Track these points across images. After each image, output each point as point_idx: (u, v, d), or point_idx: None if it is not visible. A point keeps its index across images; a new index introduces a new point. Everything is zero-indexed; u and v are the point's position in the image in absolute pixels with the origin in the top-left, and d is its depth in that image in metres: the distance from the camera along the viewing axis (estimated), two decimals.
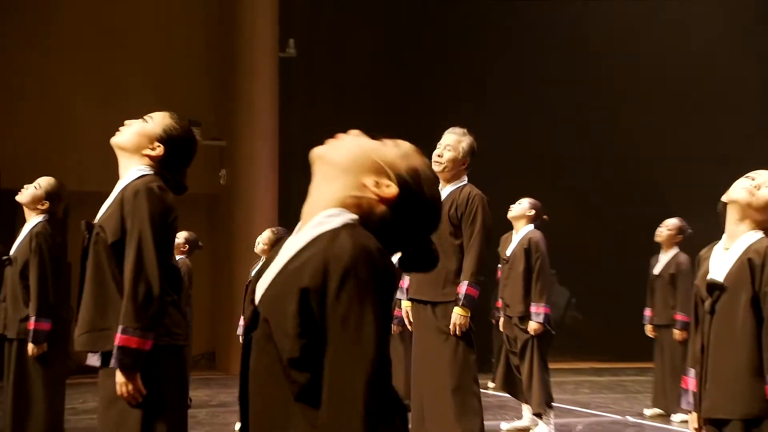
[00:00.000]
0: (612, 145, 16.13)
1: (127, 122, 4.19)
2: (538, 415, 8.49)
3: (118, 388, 3.77)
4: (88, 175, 12.77)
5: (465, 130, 6.83)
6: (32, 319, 6.25)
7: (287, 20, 13.61)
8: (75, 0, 13.53)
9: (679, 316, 9.14)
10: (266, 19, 13.44)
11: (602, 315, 15.63)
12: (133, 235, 3.92)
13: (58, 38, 13.43)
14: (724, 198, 4.19)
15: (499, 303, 8.83)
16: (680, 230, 9.65)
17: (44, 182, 6.82)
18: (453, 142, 6.70)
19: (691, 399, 4.12)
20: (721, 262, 4.06)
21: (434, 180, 2.24)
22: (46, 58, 13.34)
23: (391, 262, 2.03)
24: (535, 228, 8.50)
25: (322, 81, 13.72)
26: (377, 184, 2.04)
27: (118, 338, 3.79)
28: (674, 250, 9.54)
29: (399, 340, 9.61)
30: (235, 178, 13.37)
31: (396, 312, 9.86)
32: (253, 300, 2.10)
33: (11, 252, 6.72)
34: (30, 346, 6.20)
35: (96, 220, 4.18)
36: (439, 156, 6.68)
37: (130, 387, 3.75)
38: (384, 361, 1.97)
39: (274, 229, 8.95)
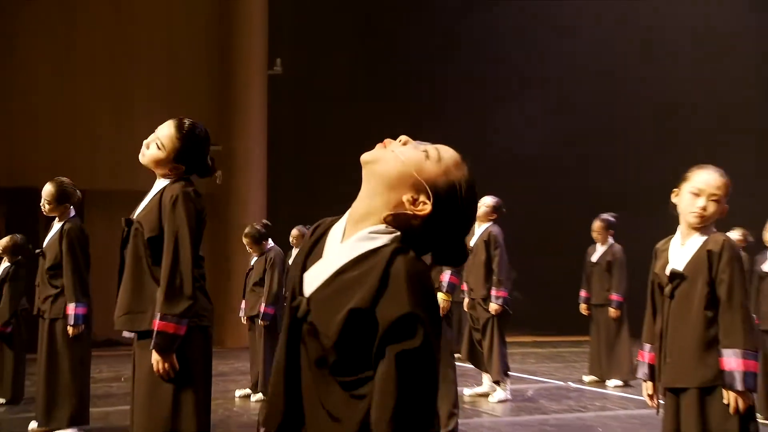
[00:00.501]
0: (565, 149, 15.97)
1: (145, 143, 4.15)
2: (497, 383, 8.66)
3: (154, 365, 3.83)
4: (99, 174, 12.88)
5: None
6: (71, 305, 6.32)
7: (275, 42, 13.68)
8: (90, 23, 13.47)
9: (614, 297, 9.47)
10: (257, 42, 13.55)
11: (542, 295, 15.62)
12: (171, 234, 3.99)
13: (76, 57, 13.40)
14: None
15: (464, 287, 8.89)
16: (610, 225, 9.86)
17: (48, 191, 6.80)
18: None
19: (646, 370, 4.18)
20: (679, 254, 4.05)
21: (471, 192, 2.09)
22: (65, 75, 13.31)
23: (432, 283, 1.99)
24: (495, 222, 8.67)
25: (305, 95, 13.80)
26: (415, 202, 1.97)
27: (157, 324, 3.85)
28: (610, 241, 9.81)
29: None
30: (230, 178, 13.17)
31: None
32: (296, 290, 2.06)
33: (43, 246, 6.76)
34: (69, 328, 6.28)
35: (134, 217, 4.23)
36: None
37: (166, 365, 3.81)
38: (435, 371, 1.93)
39: (263, 222, 9.30)
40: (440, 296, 6.41)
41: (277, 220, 11.78)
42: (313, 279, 1.98)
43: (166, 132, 4.10)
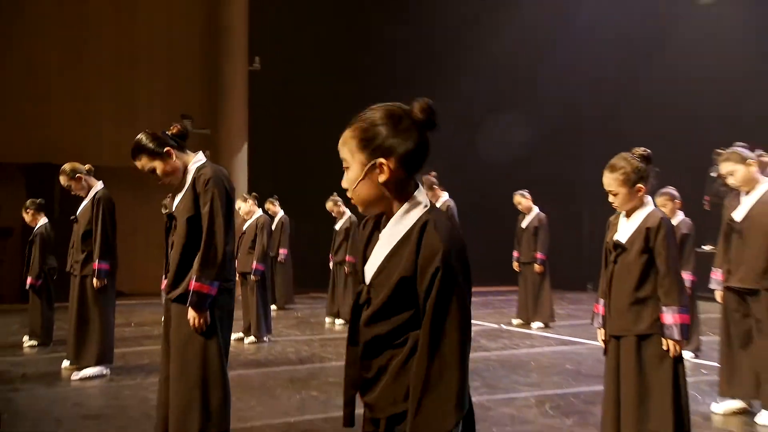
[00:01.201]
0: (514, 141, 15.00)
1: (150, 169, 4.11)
2: None
3: (190, 320, 3.90)
4: (104, 151, 12.75)
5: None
6: (96, 261, 6.36)
7: (254, 43, 13.75)
8: (97, 23, 13.45)
9: (539, 255, 9.75)
10: (239, 43, 13.67)
11: (482, 254, 15.40)
12: (206, 214, 3.99)
13: (86, 50, 13.41)
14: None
15: None
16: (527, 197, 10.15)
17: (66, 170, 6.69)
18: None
19: (600, 320, 4.27)
20: (625, 227, 4.15)
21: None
22: (76, 64, 13.29)
23: (465, 251, 2.05)
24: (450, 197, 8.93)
25: (280, 87, 13.90)
26: (377, 171, 2.05)
27: (193, 284, 3.92)
28: (535, 210, 10.08)
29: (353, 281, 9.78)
30: (217, 157, 13.20)
31: (348, 258, 10.28)
32: (360, 278, 2.18)
33: (77, 213, 6.72)
34: (95, 281, 6.35)
35: (173, 209, 4.24)
36: None
37: (201, 320, 3.90)
38: (466, 331, 2.01)
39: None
40: None
41: (258, 192, 12.05)
42: (371, 267, 2.10)
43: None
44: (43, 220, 8.49)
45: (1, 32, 12.68)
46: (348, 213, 10.29)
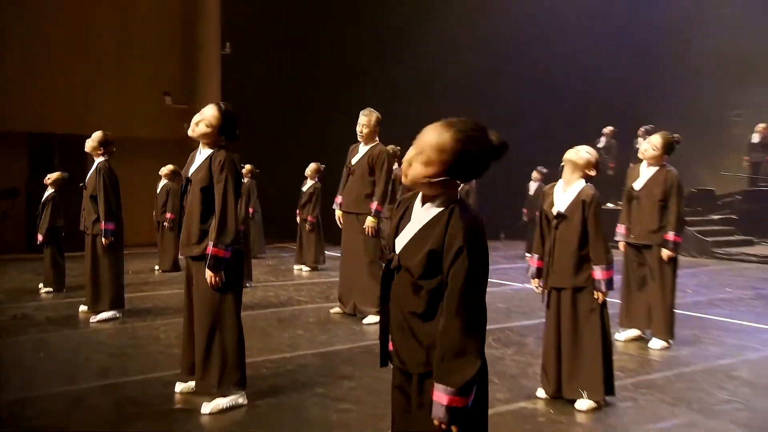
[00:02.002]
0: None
1: (194, 121, 4.07)
2: None
3: (207, 279, 3.95)
4: (104, 122, 12.18)
5: (371, 109, 6.69)
6: (102, 223, 6.38)
7: (226, 30, 13.45)
8: (96, 9, 13.05)
9: None
10: (213, 30, 13.34)
11: None
12: (220, 189, 4.00)
13: (87, 31, 12.93)
14: (565, 157, 4.32)
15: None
16: None
17: (96, 136, 6.65)
18: (365, 119, 6.60)
19: (534, 271, 4.40)
20: (562, 198, 4.26)
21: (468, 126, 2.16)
22: (77, 43, 12.83)
23: (484, 232, 2.11)
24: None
25: (248, 69, 13.61)
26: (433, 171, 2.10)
27: (210, 249, 3.93)
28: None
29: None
30: None
31: (310, 218, 10.17)
32: (391, 248, 2.25)
33: (85, 180, 6.71)
34: (103, 239, 6.39)
35: (189, 175, 4.19)
36: (359, 130, 6.63)
37: (217, 279, 3.95)
38: (483, 299, 2.09)
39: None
40: (369, 219, 6.45)
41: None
42: (403, 239, 2.18)
43: (211, 114, 4.06)
44: (50, 190, 8.27)
45: (8, 12, 12.24)
46: (316, 179, 10.32)
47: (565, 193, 4.27)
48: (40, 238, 8.04)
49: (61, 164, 11.67)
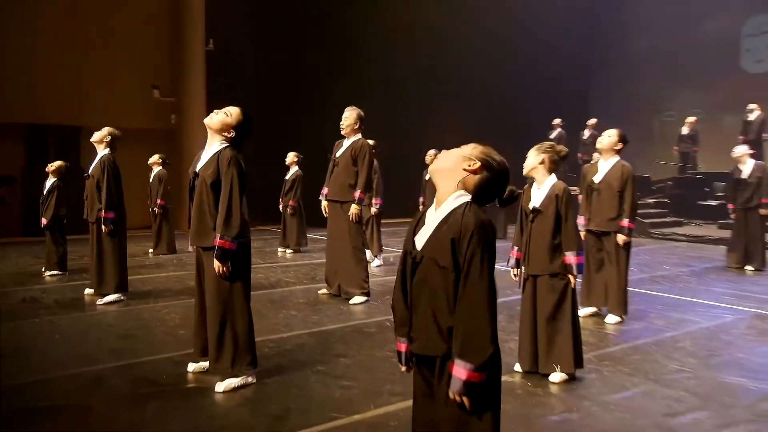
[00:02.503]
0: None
1: (216, 111, 4.05)
2: (376, 256, 8.86)
3: (216, 269, 3.90)
4: (93, 114, 11.95)
5: (354, 107, 6.61)
6: (103, 212, 6.25)
7: (209, 28, 13.21)
8: (91, 16, 12.65)
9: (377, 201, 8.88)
10: (198, 28, 13.06)
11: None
12: (227, 184, 3.93)
13: (76, 28, 12.50)
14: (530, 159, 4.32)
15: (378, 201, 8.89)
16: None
17: (105, 130, 6.51)
18: (348, 114, 6.53)
19: (514, 262, 4.43)
20: (537, 195, 4.31)
21: (498, 157, 2.33)
22: (70, 39, 12.42)
23: (493, 227, 2.19)
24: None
25: (230, 64, 13.42)
26: (469, 165, 2.24)
27: (218, 242, 3.88)
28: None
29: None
30: (180, 120, 13.17)
31: (291, 203, 9.99)
32: (410, 246, 2.28)
33: (90, 171, 6.55)
34: (104, 227, 6.26)
35: (198, 168, 4.11)
36: (342, 124, 6.56)
37: (224, 269, 3.90)
38: (494, 283, 2.15)
39: None
40: (354, 207, 6.40)
41: None
42: (422, 238, 2.25)
43: (234, 110, 4.06)
44: (52, 179, 8.07)
45: (5, 11, 11.84)
46: (297, 167, 10.22)
47: (539, 189, 4.33)
48: (44, 222, 7.86)
49: (55, 153, 11.43)
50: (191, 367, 4.36)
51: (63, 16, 12.40)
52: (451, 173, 2.26)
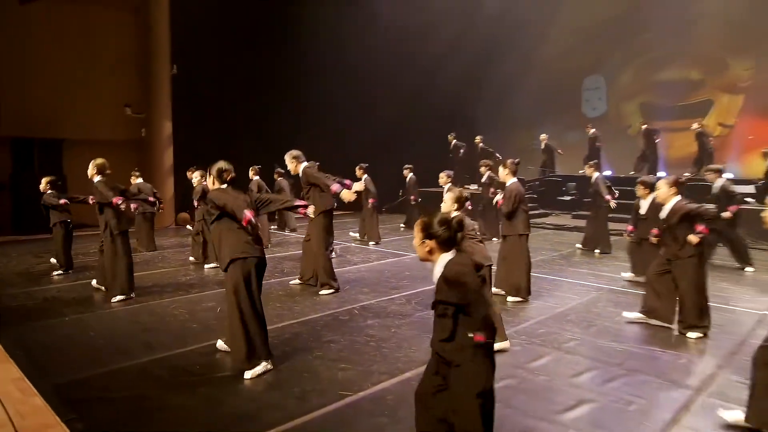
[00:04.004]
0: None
1: None
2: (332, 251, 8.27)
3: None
4: (78, 126, 11.74)
5: (288, 153, 6.38)
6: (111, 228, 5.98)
7: (174, 54, 12.70)
8: (70, 44, 11.93)
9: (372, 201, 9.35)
10: (163, 54, 12.58)
11: None
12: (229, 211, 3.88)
13: (59, 58, 11.81)
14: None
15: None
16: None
17: (90, 167, 6.05)
18: (287, 161, 6.40)
19: None
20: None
21: (430, 220, 2.51)
22: (54, 72, 11.73)
23: (468, 271, 2.39)
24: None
25: (191, 86, 12.96)
26: (423, 244, 2.49)
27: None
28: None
29: None
30: (149, 132, 12.66)
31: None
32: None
33: (91, 198, 6.25)
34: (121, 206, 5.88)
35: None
36: (290, 169, 6.43)
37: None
38: (452, 298, 2.37)
39: None
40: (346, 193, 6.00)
41: (180, 163, 11.53)
42: (435, 281, 2.50)
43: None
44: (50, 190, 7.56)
45: None
46: (258, 177, 10.01)
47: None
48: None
49: (39, 163, 10.79)
50: (220, 344, 4.45)
51: (48, 44, 11.73)
52: (426, 254, 2.49)
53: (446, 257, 2.48)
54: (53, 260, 7.69)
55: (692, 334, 5.04)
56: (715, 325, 5.18)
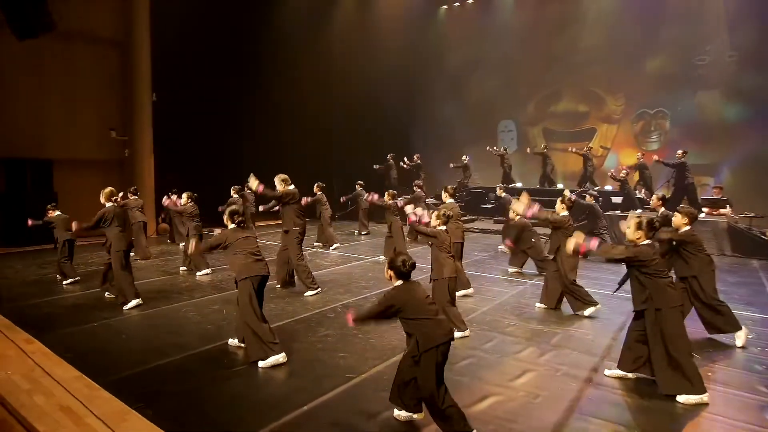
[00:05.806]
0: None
1: None
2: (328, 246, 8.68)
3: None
4: (70, 147, 11.28)
5: (276, 177, 6.20)
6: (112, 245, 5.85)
7: (155, 82, 12.36)
8: (56, 72, 11.36)
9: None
10: (144, 84, 12.26)
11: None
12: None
13: (46, 83, 11.18)
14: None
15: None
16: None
17: (102, 194, 5.98)
18: (276, 183, 6.22)
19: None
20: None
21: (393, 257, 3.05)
22: (43, 98, 11.15)
23: (402, 292, 3.01)
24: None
25: (171, 111, 12.61)
26: (389, 277, 3.08)
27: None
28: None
29: None
30: (132, 153, 12.28)
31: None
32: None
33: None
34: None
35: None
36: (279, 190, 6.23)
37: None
38: (383, 307, 3.08)
39: None
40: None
41: (161, 181, 11.40)
42: None
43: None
44: (57, 213, 7.44)
45: None
46: (237, 196, 9.97)
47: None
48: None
49: (31, 182, 10.39)
50: (231, 341, 4.55)
51: (38, 73, 11.22)
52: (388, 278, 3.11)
53: (397, 283, 3.12)
54: (65, 283, 7.29)
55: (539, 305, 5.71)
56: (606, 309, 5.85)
